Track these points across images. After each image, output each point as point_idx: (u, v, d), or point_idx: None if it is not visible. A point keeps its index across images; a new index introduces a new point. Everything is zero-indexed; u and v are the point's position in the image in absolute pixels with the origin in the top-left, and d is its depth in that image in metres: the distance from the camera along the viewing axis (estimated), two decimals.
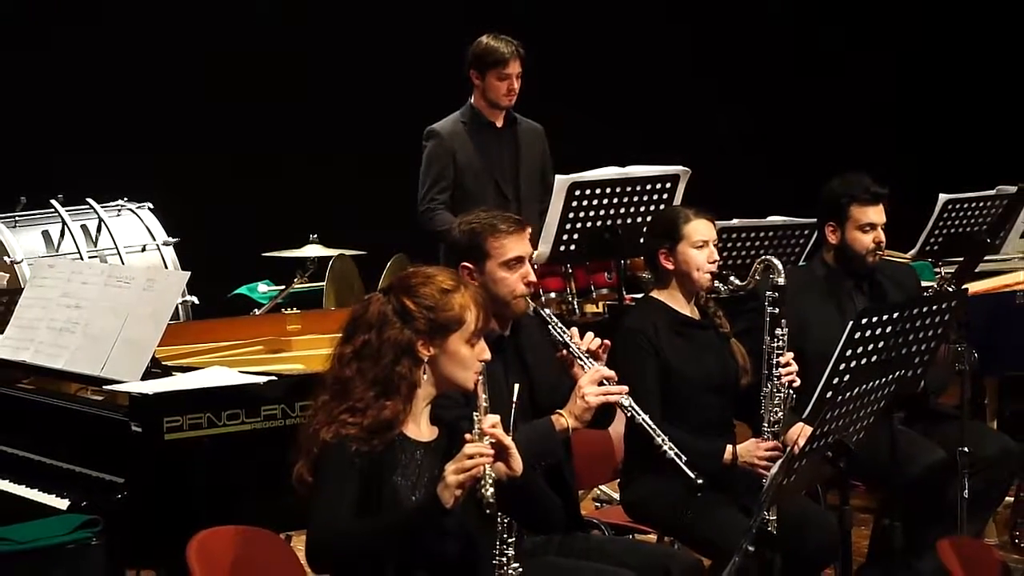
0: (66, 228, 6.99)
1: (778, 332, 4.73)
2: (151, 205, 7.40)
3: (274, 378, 4.51)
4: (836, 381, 4.53)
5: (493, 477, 3.51)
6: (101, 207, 7.14)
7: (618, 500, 5.14)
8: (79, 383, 4.76)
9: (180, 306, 6.74)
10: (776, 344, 4.74)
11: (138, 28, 8.44)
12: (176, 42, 8.50)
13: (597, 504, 6.42)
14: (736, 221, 6.22)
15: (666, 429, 4.44)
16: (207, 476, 4.32)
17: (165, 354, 4.89)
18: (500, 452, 3.56)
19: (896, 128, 10.17)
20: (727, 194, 6.26)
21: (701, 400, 4.83)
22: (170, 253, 7.23)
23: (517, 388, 3.80)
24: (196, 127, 8.36)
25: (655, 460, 4.58)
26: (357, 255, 7.20)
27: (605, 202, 5.99)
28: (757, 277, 4.92)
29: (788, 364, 4.73)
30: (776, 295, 4.77)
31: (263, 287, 7.67)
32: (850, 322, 4.61)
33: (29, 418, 4.72)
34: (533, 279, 4.37)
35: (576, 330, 4.36)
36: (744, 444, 4.73)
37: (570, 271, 6.34)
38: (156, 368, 4.67)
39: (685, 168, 6.13)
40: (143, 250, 7.17)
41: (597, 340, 4.33)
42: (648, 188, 6.06)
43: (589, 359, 4.28)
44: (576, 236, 6.00)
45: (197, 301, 6.96)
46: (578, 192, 5.93)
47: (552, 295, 6.29)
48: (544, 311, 4.40)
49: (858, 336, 4.58)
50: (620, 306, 6.14)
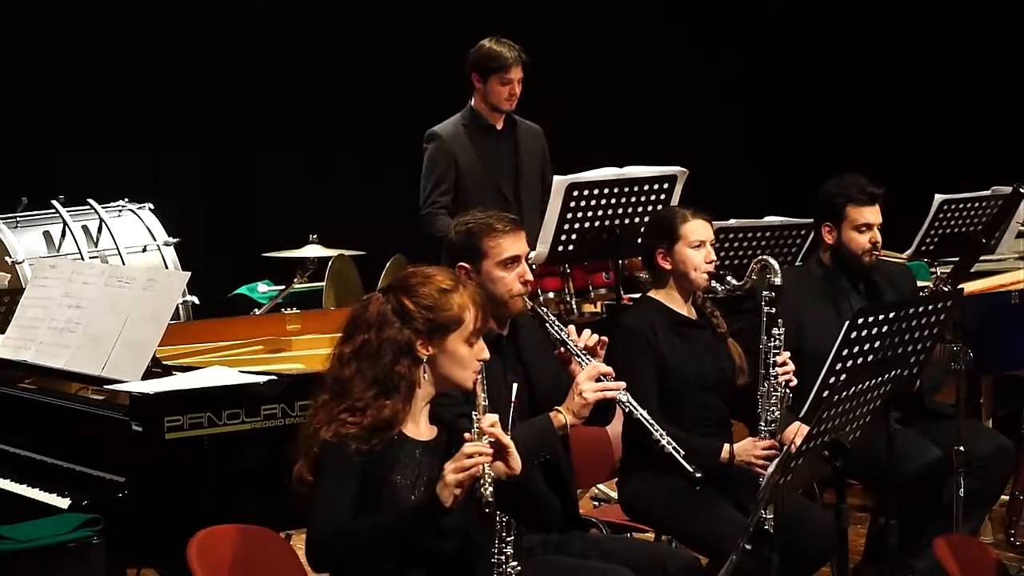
0: (67, 228, 7.00)
1: (775, 332, 4.74)
2: (152, 206, 7.40)
3: (274, 378, 4.51)
4: (833, 380, 4.56)
5: (492, 476, 3.52)
6: (102, 207, 7.14)
7: (616, 499, 5.15)
8: (80, 383, 4.77)
9: (180, 306, 6.74)
10: (773, 344, 4.75)
11: (138, 28, 8.42)
12: (176, 42, 8.49)
13: (595, 503, 6.43)
14: (733, 221, 6.23)
15: (663, 427, 4.46)
16: (207, 475, 4.33)
17: (166, 354, 4.91)
18: (499, 451, 3.58)
19: (892, 128, 10.17)
20: (724, 194, 6.28)
21: (698, 399, 4.84)
22: (170, 253, 7.23)
23: (516, 387, 3.82)
24: (196, 127, 8.35)
25: (653, 459, 4.61)
26: (356, 255, 7.20)
27: (603, 202, 5.99)
28: (754, 277, 4.93)
29: (785, 364, 4.75)
30: (773, 295, 4.78)
31: (263, 287, 7.68)
32: (846, 322, 4.64)
33: (30, 418, 4.73)
34: (530, 278, 4.38)
35: (573, 327, 4.37)
36: (741, 443, 4.74)
37: (568, 271, 6.35)
38: (157, 368, 4.68)
39: (682, 168, 6.13)
40: (144, 250, 7.17)
41: (595, 337, 4.33)
42: (646, 188, 6.06)
43: (586, 356, 4.28)
44: (574, 236, 6.01)
45: (197, 301, 6.97)
46: (576, 192, 5.93)
47: (550, 295, 6.29)
48: (541, 309, 4.41)
49: (854, 335, 4.61)
50: (618, 306, 6.15)
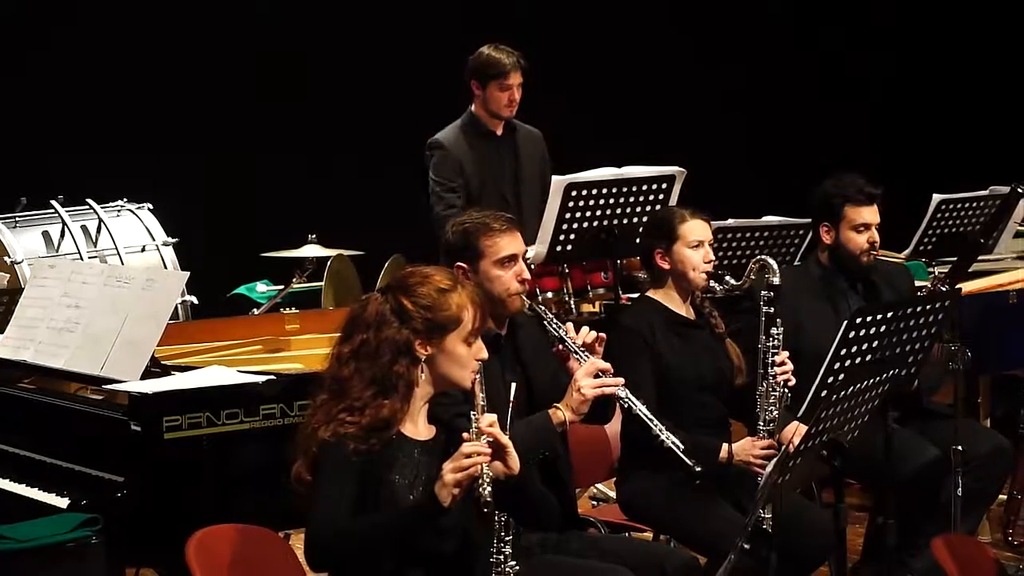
0: (66, 228, 7.00)
1: (773, 331, 4.75)
2: (150, 206, 7.40)
3: (273, 377, 4.51)
4: (831, 380, 4.56)
5: (490, 476, 3.53)
6: (101, 207, 7.14)
7: (614, 498, 5.16)
8: (79, 382, 4.78)
9: (179, 306, 6.74)
10: (771, 343, 4.75)
11: (138, 28, 8.43)
12: (176, 42, 8.49)
13: (593, 502, 6.43)
14: (732, 221, 6.23)
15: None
16: (206, 475, 4.34)
17: (164, 353, 4.91)
18: (497, 451, 3.58)
19: (890, 128, 10.18)
20: (723, 194, 6.28)
21: (696, 399, 4.84)
22: (169, 253, 7.23)
23: (514, 387, 3.82)
24: (195, 127, 8.36)
25: (652, 458, 4.62)
26: (355, 255, 7.20)
27: (601, 202, 6.00)
28: (752, 277, 4.93)
29: (783, 363, 4.76)
30: (771, 295, 4.78)
31: (262, 287, 7.68)
32: (845, 321, 4.64)
33: (29, 417, 4.73)
34: (527, 276, 4.38)
35: (571, 325, 4.37)
36: (740, 442, 4.74)
37: (567, 271, 6.35)
38: (155, 367, 4.69)
39: (681, 168, 6.13)
40: (143, 250, 7.17)
41: (592, 333, 4.33)
42: (644, 188, 6.06)
43: (585, 353, 4.29)
44: (573, 236, 6.01)
45: (196, 301, 6.97)
46: (575, 192, 5.94)
47: (549, 295, 6.30)
48: (539, 307, 4.42)
49: (853, 335, 4.62)
50: (616, 306, 6.16)
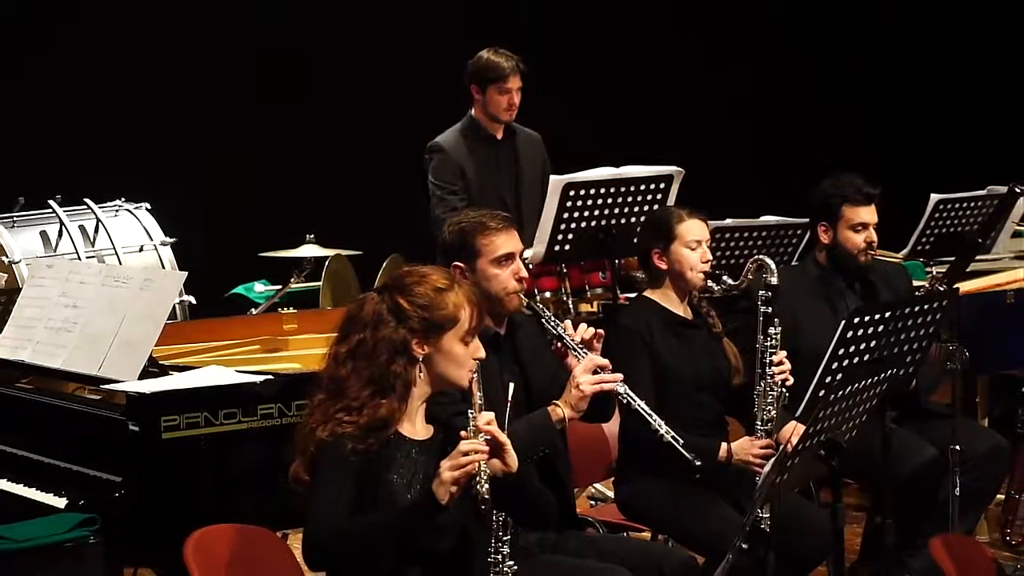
0: (64, 228, 6.99)
1: (771, 331, 4.75)
2: (148, 205, 7.39)
3: (271, 377, 4.52)
4: (829, 380, 4.57)
5: (488, 474, 3.53)
6: (99, 207, 7.13)
7: (612, 498, 5.16)
8: (77, 382, 4.77)
9: (177, 306, 6.73)
10: (769, 343, 4.75)
11: (137, 28, 8.42)
12: (175, 42, 8.49)
13: (592, 502, 6.44)
14: (729, 221, 6.23)
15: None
16: (204, 475, 4.34)
17: (162, 353, 4.91)
18: (495, 449, 3.58)
19: (888, 128, 10.18)
20: (721, 194, 6.28)
21: (694, 399, 4.84)
22: (167, 253, 7.22)
23: (512, 386, 3.82)
24: (194, 127, 8.36)
25: (650, 459, 4.62)
26: (353, 255, 7.20)
27: (599, 202, 6.00)
28: (750, 276, 4.93)
29: (781, 363, 4.76)
30: (769, 294, 4.78)
31: (260, 287, 7.67)
32: (842, 321, 4.65)
33: (27, 417, 4.73)
34: (525, 275, 4.39)
35: (569, 322, 4.38)
36: (738, 442, 4.74)
37: (565, 271, 6.35)
38: (153, 367, 4.69)
39: (679, 168, 6.13)
40: (140, 250, 7.16)
41: (591, 330, 4.34)
42: (642, 188, 6.06)
43: (583, 349, 4.29)
44: (571, 236, 6.02)
45: (194, 301, 6.96)
46: (573, 192, 5.94)
47: (547, 295, 6.30)
48: (536, 305, 4.42)
49: (850, 335, 4.62)
50: (614, 305, 6.16)
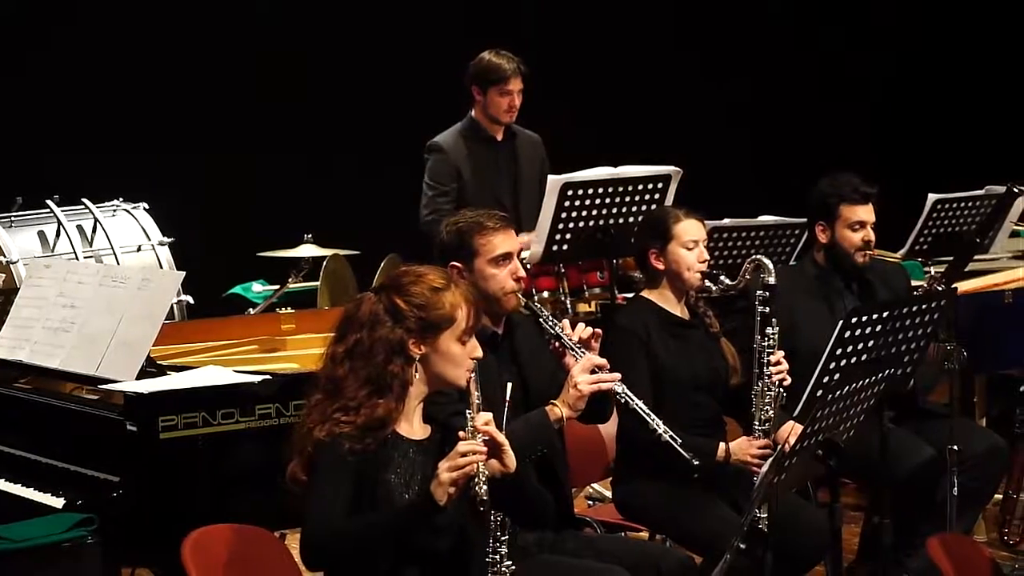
0: (62, 228, 6.97)
1: (768, 331, 4.75)
2: (146, 205, 7.38)
3: (268, 377, 4.52)
4: (826, 380, 4.57)
5: (486, 475, 3.53)
6: (96, 207, 7.12)
7: (610, 498, 5.16)
8: (74, 382, 4.77)
9: (175, 306, 6.72)
10: (767, 343, 4.75)
11: (135, 28, 8.42)
12: (173, 42, 8.49)
13: (589, 502, 6.44)
14: (727, 221, 6.22)
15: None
16: (202, 475, 4.34)
17: (160, 353, 4.91)
18: (493, 450, 3.58)
19: (886, 128, 10.18)
20: (719, 194, 6.28)
21: (691, 399, 4.84)
22: (165, 253, 7.21)
23: (509, 386, 3.82)
24: (192, 127, 8.36)
25: (648, 458, 4.62)
26: (351, 255, 7.20)
27: (597, 202, 6.01)
28: (747, 276, 4.93)
29: (779, 363, 4.76)
30: (766, 294, 4.78)
31: (258, 287, 7.66)
32: (840, 321, 4.65)
33: (25, 417, 4.73)
34: (523, 274, 4.39)
35: (567, 322, 4.38)
36: (736, 442, 4.74)
37: (563, 271, 6.35)
38: (151, 367, 4.68)
39: (677, 168, 6.13)
40: (138, 250, 7.14)
41: (588, 330, 4.34)
42: (640, 188, 6.07)
43: (581, 349, 4.29)
44: (569, 236, 6.02)
45: (192, 301, 6.95)
46: (571, 192, 5.94)
47: (545, 294, 6.31)
48: (534, 304, 4.42)
49: (848, 335, 4.62)
50: (612, 305, 6.16)
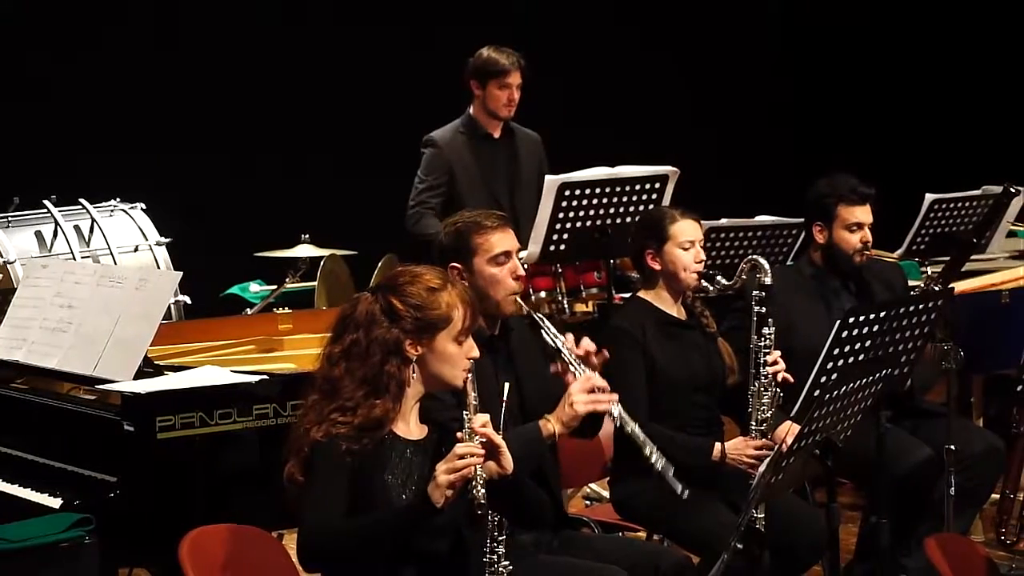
0: (59, 228, 6.97)
1: (765, 331, 4.75)
2: (144, 205, 7.38)
3: (266, 377, 4.52)
4: (824, 380, 4.56)
5: (484, 477, 3.53)
6: (94, 207, 7.12)
7: (608, 498, 5.16)
8: (72, 382, 4.77)
9: (172, 306, 6.72)
10: (763, 343, 4.76)
11: (133, 27, 8.42)
12: (171, 42, 8.49)
13: (587, 502, 6.45)
14: (724, 221, 6.22)
15: (653, 428, 4.46)
16: (199, 475, 4.34)
17: (157, 353, 4.91)
18: (491, 451, 3.58)
19: (883, 128, 10.18)
20: (717, 194, 6.28)
21: (688, 399, 4.85)
22: (162, 253, 7.20)
23: (507, 387, 3.82)
24: (189, 127, 8.35)
25: (644, 460, 4.62)
26: (348, 255, 7.20)
27: (595, 202, 5.99)
28: (744, 277, 4.94)
29: (776, 363, 4.76)
30: (763, 294, 4.79)
31: (255, 287, 7.66)
32: (837, 321, 4.65)
33: (22, 417, 4.73)
34: (522, 273, 4.38)
35: (571, 336, 4.31)
36: (732, 442, 4.75)
37: (560, 271, 6.35)
38: (148, 367, 4.68)
39: (674, 168, 6.13)
40: (136, 250, 7.14)
41: (592, 345, 4.28)
42: (637, 188, 6.06)
43: (582, 366, 4.24)
44: (566, 236, 6.01)
45: (189, 301, 6.94)
46: (568, 192, 5.93)
47: (542, 295, 6.30)
48: (538, 316, 4.39)
49: (845, 335, 4.62)
50: (610, 305, 6.16)
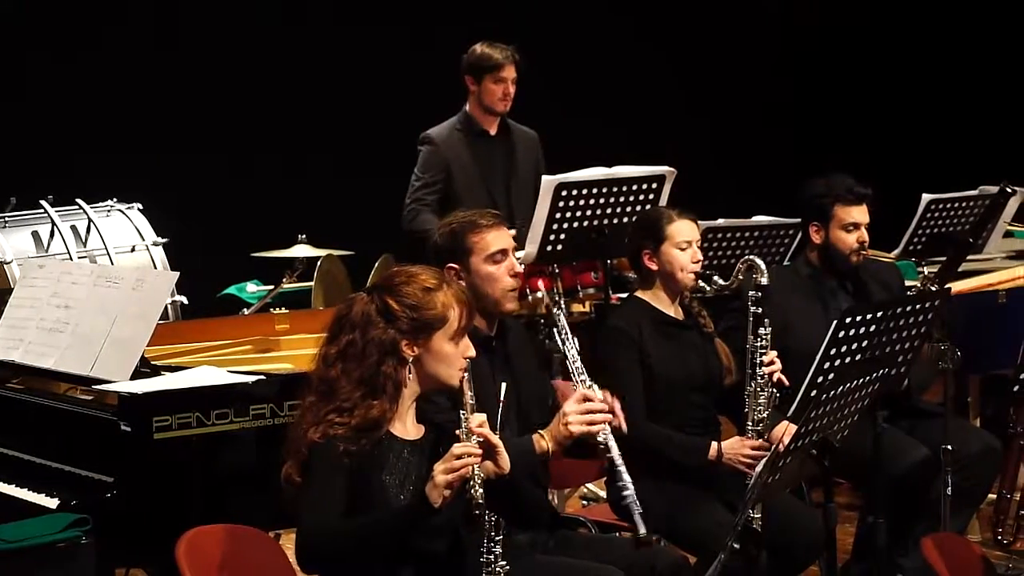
0: (56, 229, 6.97)
1: (761, 331, 4.76)
2: (140, 206, 7.38)
3: (263, 377, 4.51)
4: (820, 380, 4.57)
5: (482, 477, 3.53)
6: (90, 208, 7.12)
7: (604, 498, 5.16)
8: (68, 383, 4.76)
9: (169, 306, 6.72)
10: (760, 343, 4.77)
11: (131, 27, 8.42)
12: (169, 42, 8.49)
13: (584, 502, 6.45)
14: (721, 221, 6.23)
15: (650, 426, 4.46)
16: (196, 475, 4.33)
17: (154, 354, 4.90)
18: (488, 451, 3.58)
19: (880, 128, 10.19)
20: (714, 194, 6.28)
21: (685, 399, 4.85)
22: (159, 253, 7.20)
23: (504, 387, 3.82)
24: (186, 127, 8.35)
25: (641, 458, 4.62)
26: (345, 255, 7.21)
27: (592, 202, 5.99)
28: (740, 277, 4.94)
29: (772, 363, 4.76)
30: (759, 294, 4.80)
31: (252, 287, 7.65)
32: (834, 321, 4.65)
33: (19, 417, 4.72)
34: (519, 270, 4.39)
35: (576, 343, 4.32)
36: (728, 441, 4.75)
37: (557, 271, 6.35)
38: (145, 368, 4.68)
39: (671, 168, 6.13)
40: (132, 250, 7.14)
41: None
42: (634, 188, 6.06)
43: (582, 377, 4.24)
44: (563, 236, 6.02)
45: (186, 301, 6.94)
46: (565, 192, 5.93)
47: (539, 295, 6.30)
48: (555, 312, 4.39)
49: (842, 335, 4.62)
50: (606, 305, 6.16)
